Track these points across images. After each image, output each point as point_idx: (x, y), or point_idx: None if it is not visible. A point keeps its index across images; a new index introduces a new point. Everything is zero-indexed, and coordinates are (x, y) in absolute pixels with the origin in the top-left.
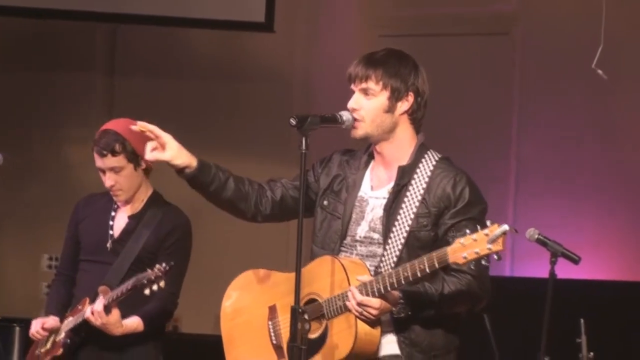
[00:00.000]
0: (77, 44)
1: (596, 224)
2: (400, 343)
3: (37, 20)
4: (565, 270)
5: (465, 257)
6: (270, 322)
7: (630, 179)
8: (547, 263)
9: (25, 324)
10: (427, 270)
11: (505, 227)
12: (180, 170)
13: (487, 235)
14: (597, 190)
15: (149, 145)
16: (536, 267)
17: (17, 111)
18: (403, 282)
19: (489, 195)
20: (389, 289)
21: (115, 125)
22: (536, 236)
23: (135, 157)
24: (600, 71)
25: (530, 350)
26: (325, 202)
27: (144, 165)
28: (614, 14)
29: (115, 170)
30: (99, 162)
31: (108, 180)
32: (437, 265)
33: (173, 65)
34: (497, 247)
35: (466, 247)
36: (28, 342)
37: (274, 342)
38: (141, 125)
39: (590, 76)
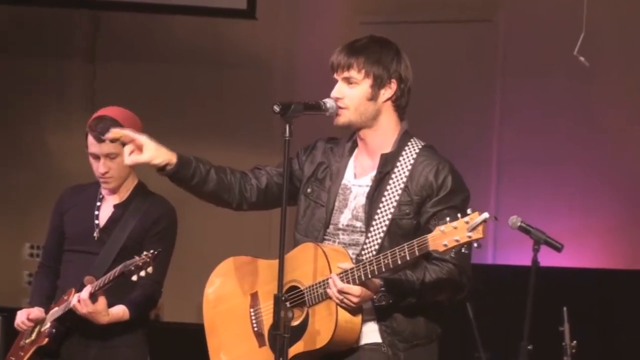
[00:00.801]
0: (58, 30)
1: (578, 212)
2: (382, 332)
3: (19, 6)
4: (548, 258)
5: (445, 245)
6: (252, 310)
7: (613, 166)
8: (529, 251)
9: (8, 313)
10: (408, 257)
11: (486, 215)
12: (160, 169)
13: (467, 223)
14: (579, 178)
15: (126, 150)
16: (519, 255)
17: None
18: (384, 269)
19: (471, 182)
20: (369, 276)
21: (111, 112)
22: (518, 224)
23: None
24: (582, 58)
25: (513, 338)
26: (309, 190)
27: None
28: (595, 1)
29: (110, 156)
30: (95, 147)
31: (102, 166)
32: (417, 252)
33: (155, 52)
34: (477, 234)
35: (446, 235)
36: (10, 331)
37: (256, 329)
38: (114, 133)
39: (572, 63)
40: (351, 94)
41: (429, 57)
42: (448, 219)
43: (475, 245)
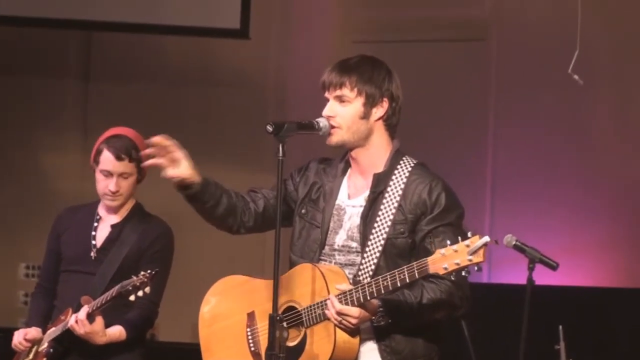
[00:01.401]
0: (51, 50)
1: (574, 230)
2: (381, 351)
3: (11, 27)
4: (543, 277)
5: (445, 268)
6: (248, 329)
7: (607, 184)
8: (524, 269)
9: (3, 333)
10: (407, 280)
11: (487, 238)
12: (183, 187)
13: (468, 246)
14: (574, 196)
15: (165, 161)
16: (514, 274)
17: None
18: (383, 291)
19: (466, 201)
20: (368, 298)
21: (127, 132)
22: (513, 242)
23: (140, 168)
24: (576, 76)
25: (509, 357)
26: (303, 211)
27: (142, 178)
28: (589, 19)
29: (124, 175)
30: (110, 165)
31: (113, 184)
32: (417, 275)
33: (148, 72)
34: (478, 258)
35: (447, 258)
36: (6, 351)
37: (252, 349)
38: (159, 141)
39: (566, 82)
40: (343, 112)
41: (422, 76)
42: (448, 241)
43: (476, 268)
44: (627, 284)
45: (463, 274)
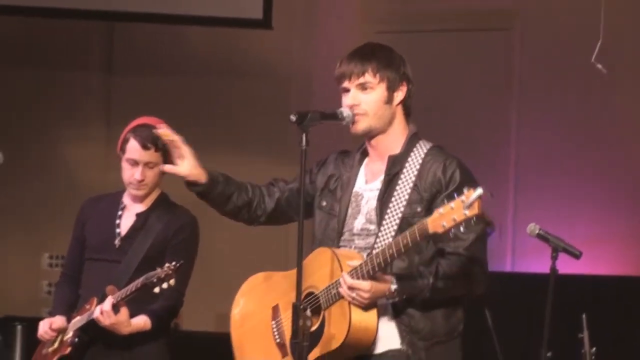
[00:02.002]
0: (73, 42)
1: (597, 219)
2: (400, 331)
3: (34, 19)
4: (567, 266)
5: (444, 226)
6: (273, 322)
7: (631, 172)
8: (548, 258)
9: (27, 323)
10: (410, 244)
11: (480, 190)
12: (190, 184)
13: (463, 201)
14: (597, 185)
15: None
16: (537, 263)
17: (15, 110)
18: (389, 260)
19: (489, 190)
20: (377, 269)
21: (154, 121)
22: (537, 231)
23: (167, 157)
24: (599, 65)
25: (533, 345)
26: (323, 203)
27: None
28: (612, 8)
29: (149, 165)
30: (137, 154)
31: (139, 173)
32: (418, 237)
33: (170, 63)
34: (473, 211)
35: (444, 216)
36: (30, 341)
37: (278, 340)
38: (165, 132)
39: (589, 71)
40: (368, 99)
41: (446, 67)
42: (446, 200)
43: (489, 230)
44: None
45: (461, 229)
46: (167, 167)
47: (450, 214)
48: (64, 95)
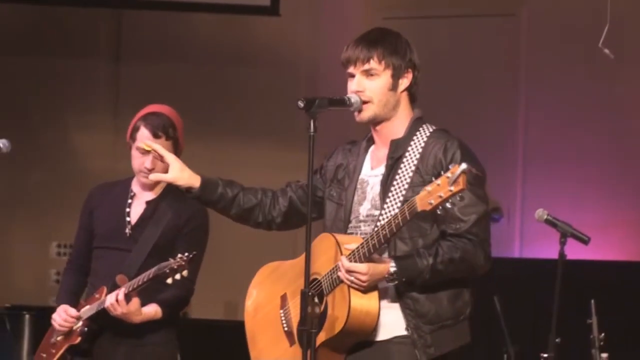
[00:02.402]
0: (81, 30)
1: (605, 204)
2: (405, 315)
3: (42, 7)
4: (575, 251)
5: (431, 203)
6: (281, 311)
7: (638, 159)
8: (556, 244)
9: (35, 312)
10: (401, 223)
11: (464, 166)
12: (185, 190)
13: (448, 177)
14: (605, 171)
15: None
16: (546, 248)
17: (23, 98)
18: (383, 240)
19: (498, 177)
20: (372, 250)
21: (165, 109)
22: (545, 217)
23: (177, 146)
24: (607, 50)
25: (541, 331)
26: (333, 193)
27: (178, 156)
28: None
29: None
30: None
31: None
32: (408, 216)
33: (178, 50)
34: (458, 187)
35: (431, 193)
36: (38, 330)
37: (286, 329)
38: (147, 144)
39: (596, 56)
40: (373, 86)
41: (452, 52)
42: (433, 178)
43: (496, 216)
44: None
45: (448, 205)
46: (153, 176)
47: (436, 191)
48: (71, 83)
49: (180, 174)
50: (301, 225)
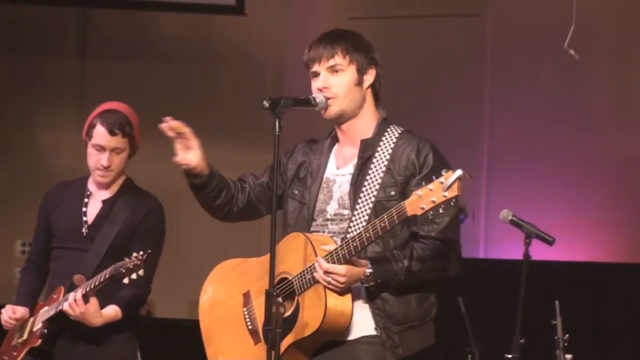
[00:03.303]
0: (47, 27)
1: (570, 206)
2: (374, 315)
3: (7, 4)
4: (540, 252)
5: (422, 208)
6: (245, 309)
7: (604, 159)
8: (521, 244)
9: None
10: (388, 227)
11: (459, 171)
12: (192, 175)
13: (442, 183)
14: (570, 172)
15: (178, 146)
16: (510, 249)
17: None
18: (366, 243)
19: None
20: (353, 253)
21: (121, 107)
22: (510, 217)
23: (133, 144)
24: (572, 51)
25: (506, 332)
26: (295, 191)
27: (133, 153)
28: None
29: (116, 151)
30: (104, 139)
31: (105, 159)
32: (396, 220)
33: (144, 49)
34: (453, 192)
35: (423, 198)
36: (1, 328)
37: (250, 327)
38: (176, 126)
39: (561, 57)
40: (338, 81)
41: (418, 52)
42: (424, 182)
43: (462, 217)
44: (623, 259)
45: (441, 210)
46: (179, 159)
47: (428, 196)
48: (36, 81)
49: (202, 162)
50: (255, 219)
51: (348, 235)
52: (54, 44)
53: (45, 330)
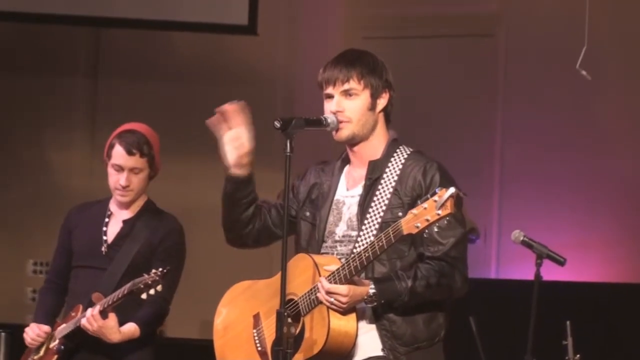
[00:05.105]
0: (59, 48)
1: (581, 226)
2: (381, 336)
3: (20, 24)
4: (551, 273)
5: (417, 227)
6: (255, 331)
7: (615, 180)
8: (532, 265)
9: (11, 330)
10: (385, 245)
11: (452, 190)
12: (239, 164)
13: (435, 201)
14: (581, 193)
15: (229, 136)
16: (522, 270)
17: (0, 116)
18: (365, 262)
19: (474, 198)
20: (354, 272)
21: (140, 127)
22: (521, 238)
23: (153, 164)
24: (584, 72)
25: (517, 352)
26: (307, 213)
27: (154, 174)
28: (597, 14)
29: (135, 171)
30: (122, 159)
31: (124, 179)
32: (393, 239)
33: (156, 69)
34: (446, 211)
35: (418, 217)
36: (15, 347)
37: (259, 349)
38: (237, 105)
39: (574, 77)
40: (352, 106)
41: (430, 72)
42: (419, 201)
43: (474, 237)
44: (635, 279)
45: (435, 227)
46: (233, 143)
47: (423, 215)
48: (49, 101)
49: (249, 157)
50: (269, 243)
51: (350, 256)
52: (67, 64)
53: (62, 347)
